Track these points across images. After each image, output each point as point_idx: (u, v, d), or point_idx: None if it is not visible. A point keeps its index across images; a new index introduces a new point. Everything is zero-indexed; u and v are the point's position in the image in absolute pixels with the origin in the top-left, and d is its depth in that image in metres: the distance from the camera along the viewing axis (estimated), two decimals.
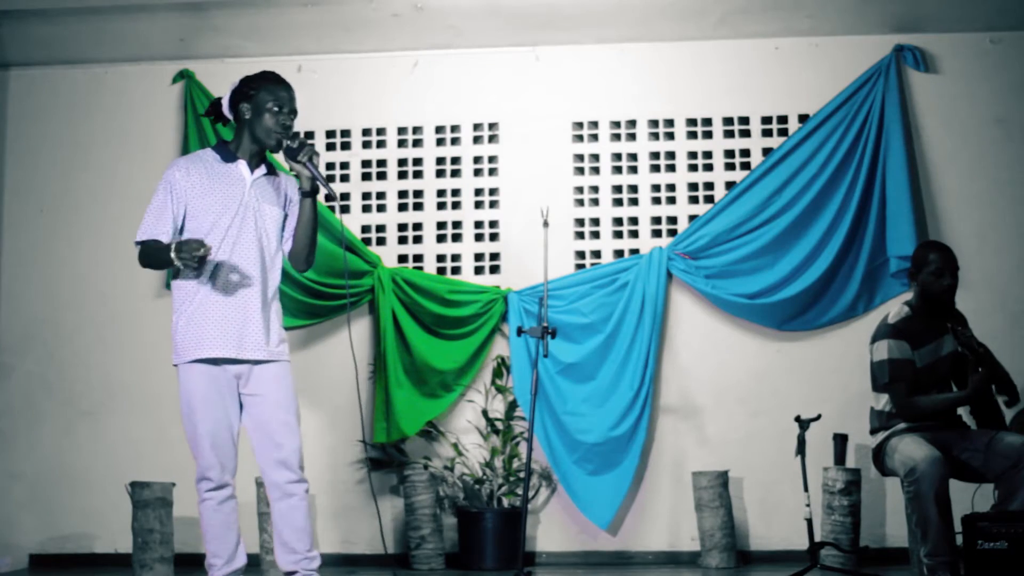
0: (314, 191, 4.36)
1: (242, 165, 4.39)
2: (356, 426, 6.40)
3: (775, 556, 6.45)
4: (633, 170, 6.88)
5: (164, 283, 6.80)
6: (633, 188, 6.86)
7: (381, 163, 6.98)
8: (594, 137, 6.93)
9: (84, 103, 7.11)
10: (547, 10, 6.53)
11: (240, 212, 4.32)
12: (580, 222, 6.87)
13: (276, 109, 4.33)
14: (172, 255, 4.14)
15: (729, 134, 6.85)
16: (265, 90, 4.36)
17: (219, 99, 4.52)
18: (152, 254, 4.30)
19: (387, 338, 6.58)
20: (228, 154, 4.40)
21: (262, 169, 4.42)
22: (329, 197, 4.39)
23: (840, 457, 6.23)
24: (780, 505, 6.47)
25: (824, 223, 6.60)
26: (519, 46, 6.95)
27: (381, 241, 6.90)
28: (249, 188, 4.36)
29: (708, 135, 6.86)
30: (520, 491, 6.31)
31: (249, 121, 4.36)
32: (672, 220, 6.83)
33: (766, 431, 6.53)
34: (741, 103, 6.86)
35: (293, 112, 4.38)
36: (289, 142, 4.31)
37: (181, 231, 4.34)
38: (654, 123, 6.90)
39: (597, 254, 6.84)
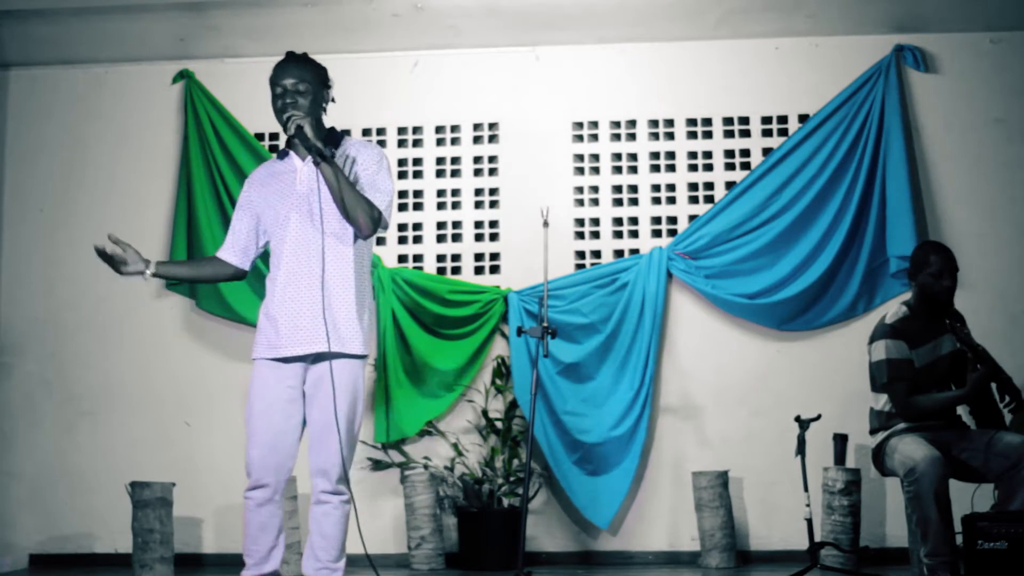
0: (322, 158, 4.12)
1: (293, 157, 4.32)
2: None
3: (775, 556, 6.45)
4: (633, 170, 6.88)
5: (164, 283, 6.80)
6: (633, 188, 6.87)
7: None
8: (594, 137, 6.93)
9: (84, 103, 7.12)
10: (547, 10, 6.53)
11: (295, 204, 4.21)
12: (580, 222, 6.87)
13: (276, 96, 4.29)
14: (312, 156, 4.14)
15: (729, 134, 6.85)
16: (271, 80, 4.34)
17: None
18: (187, 260, 4.39)
19: (387, 338, 6.58)
20: (282, 151, 4.38)
21: (310, 159, 4.26)
22: (321, 155, 4.09)
23: (840, 457, 6.23)
24: (780, 505, 6.47)
25: (824, 223, 6.60)
26: (519, 46, 6.96)
27: (381, 241, 6.89)
28: (300, 176, 4.26)
29: (708, 135, 6.87)
30: (520, 491, 6.31)
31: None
32: (672, 220, 6.83)
33: (766, 431, 6.53)
34: (741, 103, 6.86)
35: (296, 92, 4.25)
36: (283, 122, 4.21)
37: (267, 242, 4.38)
38: (654, 123, 6.91)
39: (597, 254, 6.84)
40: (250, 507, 4.19)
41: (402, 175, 6.97)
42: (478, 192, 6.94)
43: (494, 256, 6.90)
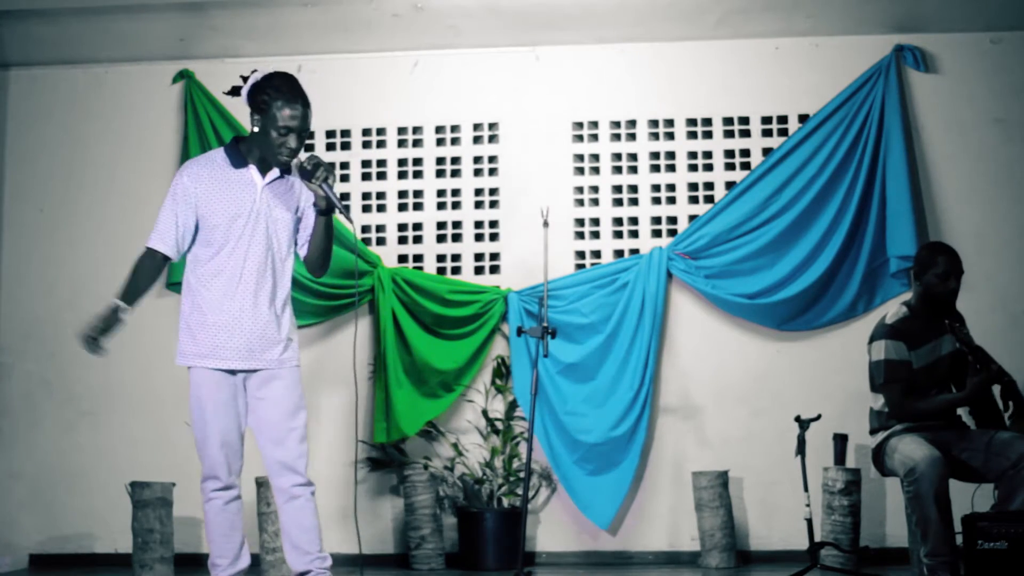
0: (329, 210, 4.28)
1: (252, 170, 4.31)
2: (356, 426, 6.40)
3: (775, 556, 6.45)
4: (633, 170, 6.88)
5: (165, 283, 6.80)
6: (633, 188, 6.87)
7: (381, 163, 6.98)
8: (594, 137, 6.93)
9: (84, 103, 7.12)
10: (547, 10, 6.53)
11: (251, 220, 4.26)
12: (580, 222, 6.87)
13: (285, 131, 4.20)
14: (97, 323, 4.45)
15: (729, 134, 6.85)
16: (276, 106, 4.20)
17: (237, 87, 4.39)
18: (130, 278, 4.41)
19: (387, 338, 6.58)
20: (239, 158, 4.31)
21: (274, 172, 4.33)
22: (341, 211, 4.26)
23: (840, 457, 6.23)
24: (780, 505, 6.47)
25: (824, 223, 6.60)
26: (519, 46, 6.95)
27: (381, 241, 6.90)
28: (260, 194, 4.29)
29: (708, 135, 6.87)
30: (520, 491, 6.31)
31: (259, 134, 4.25)
32: (672, 220, 6.83)
33: (766, 431, 6.53)
34: (741, 103, 6.86)
35: (304, 131, 4.26)
36: (304, 163, 4.20)
37: (194, 239, 4.32)
38: (654, 123, 6.91)
39: (597, 254, 6.84)
40: (217, 507, 4.30)
41: (402, 175, 6.97)
42: (478, 192, 6.94)
43: (494, 256, 6.90)
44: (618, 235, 6.85)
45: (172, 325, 6.82)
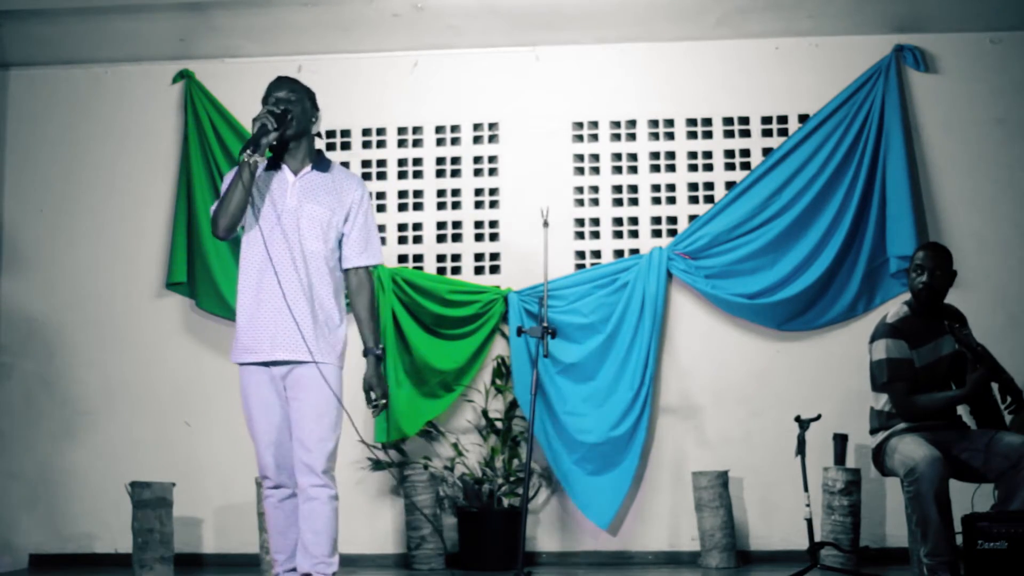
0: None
1: (286, 170, 4.42)
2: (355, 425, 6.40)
3: (775, 556, 6.45)
4: (633, 170, 6.88)
5: (164, 283, 6.81)
6: (633, 188, 6.86)
7: (381, 163, 6.98)
8: (594, 137, 6.93)
9: (84, 103, 7.12)
10: (547, 10, 6.53)
11: (277, 215, 4.34)
12: (580, 222, 6.87)
13: (274, 101, 4.39)
14: (246, 152, 4.22)
15: (729, 134, 6.85)
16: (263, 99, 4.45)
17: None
18: (225, 193, 4.30)
19: (387, 338, 6.57)
20: (272, 160, 4.45)
21: (307, 168, 4.42)
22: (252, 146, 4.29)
23: (840, 457, 6.24)
24: (780, 505, 6.47)
25: (824, 223, 6.60)
26: (519, 46, 6.95)
27: (381, 241, 6.89)
28: (290, 189, 4.38)
29: (708, 135, 6.86)
30: (520, 491, 6.31)
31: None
32: (672, 220, 6.83)
33: (766, 431, 6.53)
34: (741, 103, 6.86)
35: (280, 101, 4.38)
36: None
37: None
38: (654, 123, 6.91)
39: (597, 254, 6.84)
40: (272, 504, 4.38)
41: (402, 175, 6.97)
42: (478, 192, 6.94)
43: (494, 256, 6.90)
44: (618, 235, 6.85)
45: (171, 326, 6.90)
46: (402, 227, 6.93)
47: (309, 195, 4.39)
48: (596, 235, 6.86)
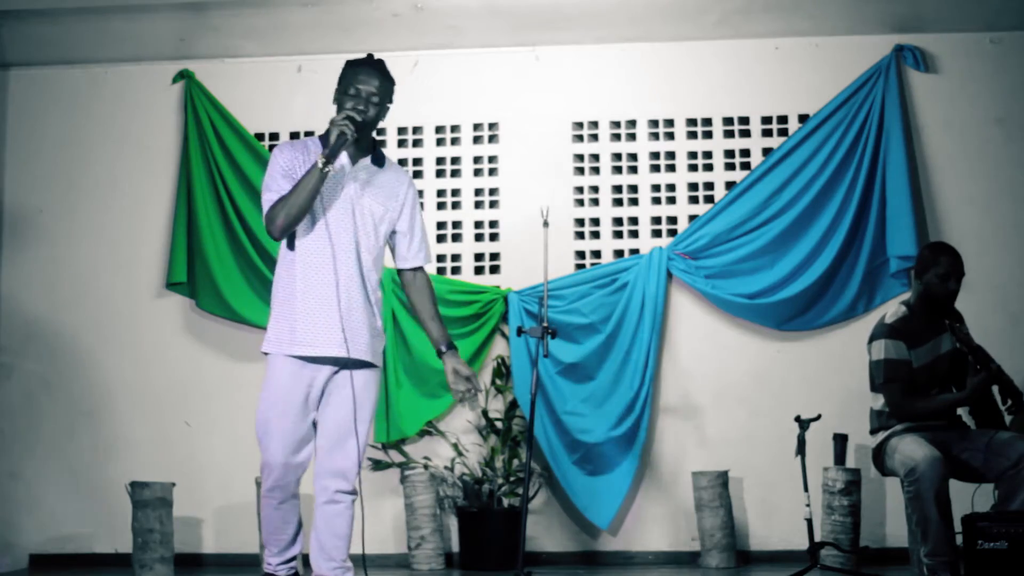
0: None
1: (343, 155, 4.15)
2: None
3: (775, 556, 6.45)
4: (633, 170, 6.88)
5: (164, 283, 6.80)
6: (633, 188, 6.86)
7: None
8: (594, 137, 6.93)
9: (84, 103, 7.11)
10: (547, 10, 6.52)
11: (339, 205, 4.12)
12: (580, 222, 6.87)
13: (347, 95, 4.15)
14: (322, 157, 3.95)
15: (729, 134, 6.85)
16: (352, 76, 4.19)
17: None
18: (292, 193, 4.00)
19: (387, 338, 6.57)
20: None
21: (367, 159, 4.22)
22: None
23: (840, 457, 6.23)
24: (780, 505, 6.47)
25: (824, 223, 6.60)
26: (519, 46, 6.95)
27: None
28: (348, 179, 4.15)
29: (708, 135, 6.86)
30: (520, 491, 6.31)
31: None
32: (672, 220, 6.83)
33: (766, 431, 6.52)
34: (741, 103, 6.86)
35: (368, 98, 4.13)
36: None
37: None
38: (654, 123, 6.90)
39: (597, 254, 6.84)
40: (273, 506, 4.20)
41: None
42: (478, 192, 6.94)
43: (494, 256, 6.90)
44: (618, 235, 6.85)
45: (171, 326, 6.90)
46: None
47: (366, 188, 4.18)
48: (596, 235, 6.86)
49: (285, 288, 4.14)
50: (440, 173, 6.95)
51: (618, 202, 6.87)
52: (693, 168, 6.85)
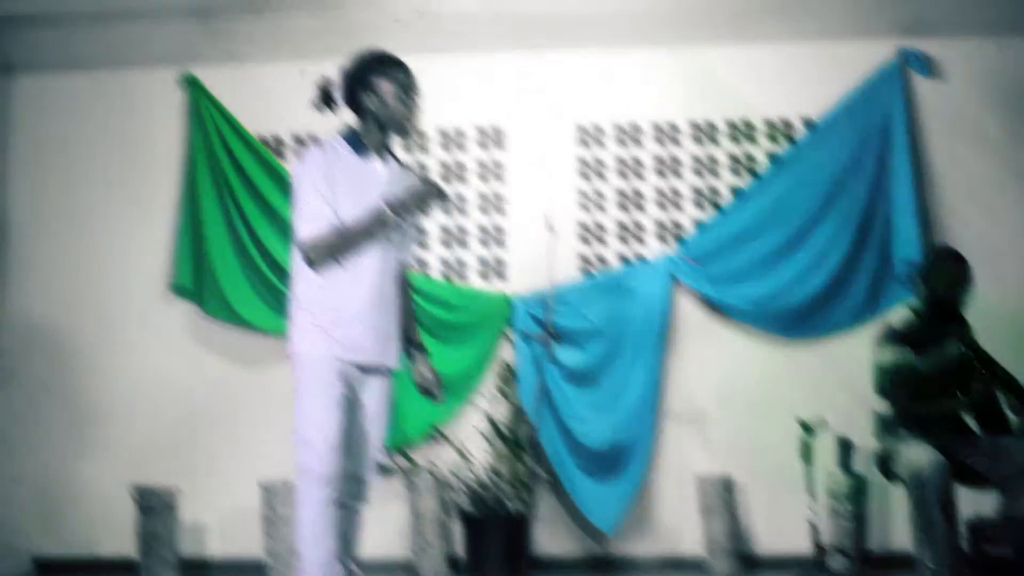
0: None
1: (375, 160, 4.15)
2: None
3: (780, 561, 6.43)
4: (639, 175, 6.88)
5: (169, 288, 6.81)
6: (638, 193, 6.86)
7: None
8: (599, 142, 6.92)
9: (89, 108, 7.12)
10: (551, 15, 6.53)
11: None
12: (585, 227, 6.87)
13: (400, 94, 4.20)
14: (374, 226, 3.95)
15: (734, 139, 6.85)
16: (381, 74, 4.22)
17: (327, 89, 4.33)
18: (352, 239, 3.97)
19: None
20: (361, 146, 4.14)
21: (391, 162, 4.21)
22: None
23: (845, 463, 6.22)
24: (786, 511, 6.45)
25: (830, 228, 6.59)
26: (523, 51, 6.95)
27: None
28: (385, 187, 4.11)
29: (713, 140, 6.86)
30: (526, 496, 6.30)
31: (374, 111, 4.17)
32: (678, 226, 6.83)
33: (772, 437, 6.51)
34: (747, 108, 6.85)
35: (413, 113, 4.22)
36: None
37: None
38: (659, 128, 6.90)
39: (603, 260, 6.84)
40: (330, 511, 4.04)
41: None
42: (483, 198, 6.94)
43: (499, 261, 6.90)
44: (624, 240, 6.85)
45: (177, 330, 6.90)
46: None
47: (392, 188, 4.13)
48: (602, 240, 6.85)
49: (322, 290, 4.03)
50: (445, 178, 6.95)
51: (624, 207, 6.87)
52: (699, 174, 6.85)
